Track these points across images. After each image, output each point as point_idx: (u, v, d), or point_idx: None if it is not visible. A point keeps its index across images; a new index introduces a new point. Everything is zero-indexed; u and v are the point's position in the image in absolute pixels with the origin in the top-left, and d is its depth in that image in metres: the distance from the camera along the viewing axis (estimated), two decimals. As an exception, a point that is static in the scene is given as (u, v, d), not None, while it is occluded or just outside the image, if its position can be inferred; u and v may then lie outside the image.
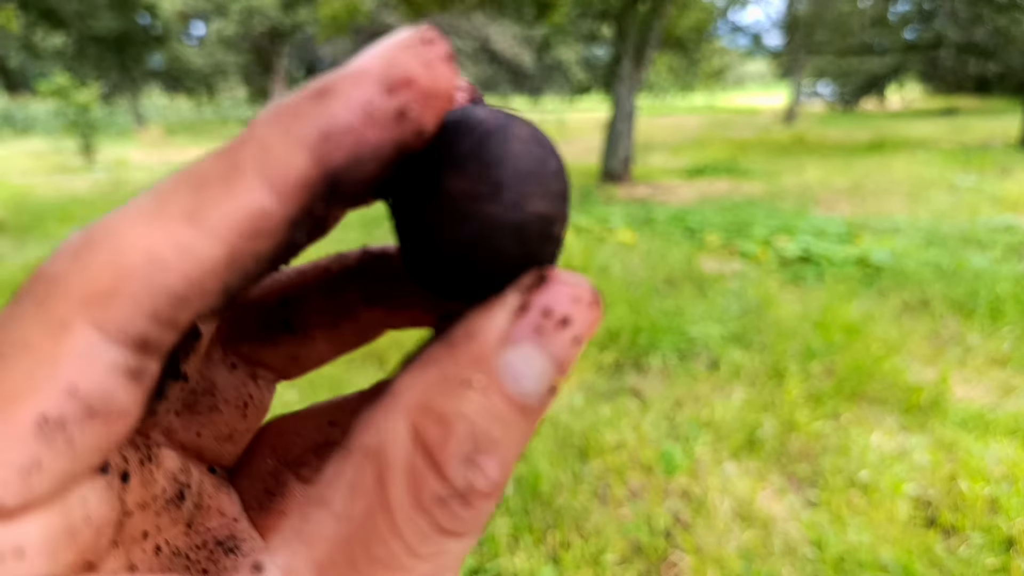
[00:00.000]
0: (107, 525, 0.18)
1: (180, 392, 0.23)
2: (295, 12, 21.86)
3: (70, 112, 12.56)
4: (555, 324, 0.16)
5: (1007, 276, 4.24)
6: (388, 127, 0.16)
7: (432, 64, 0.17)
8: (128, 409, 0.16)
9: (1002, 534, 2.01)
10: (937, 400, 2.78)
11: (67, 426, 0.15)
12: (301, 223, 0.17)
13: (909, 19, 20.70)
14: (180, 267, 0.16)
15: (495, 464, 0.16)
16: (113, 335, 0.15)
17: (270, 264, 0.17)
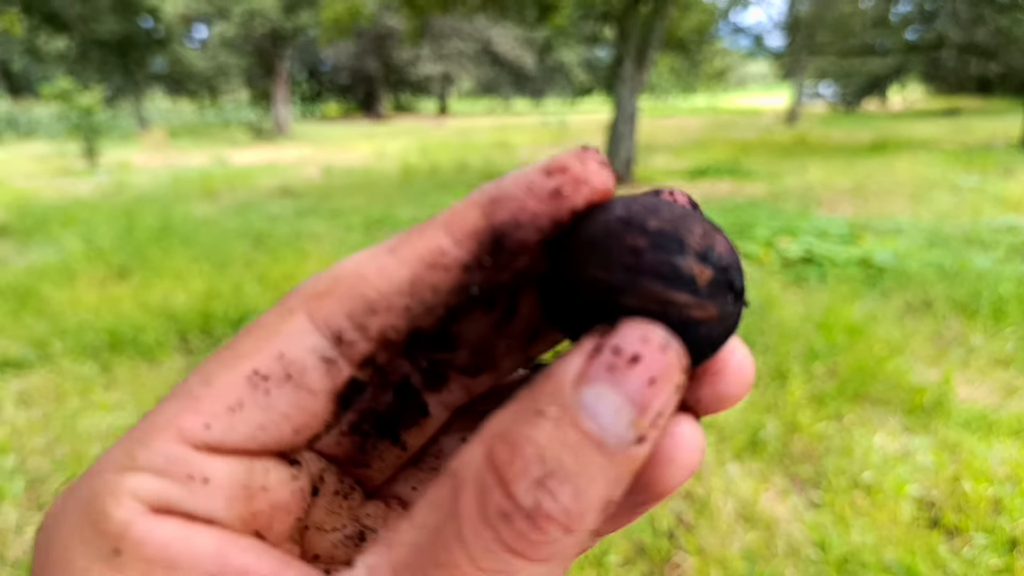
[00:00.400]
0: (284, 513, 0.22)
1: (397, 459, 0.27)
2: (297, 15, 21.87)
3: (73, 115, 12.58)
4: (626, 362, 0.18)
5: (1010, 277, 4.24)
6: (544, 200, 0.21)
7: (585, 161, 0.22)
8: (316, 388, 0.21)
9: (1006, 535, 2.01)
10: (940, 401, 2.78)
11: (269, 380, 0.21)
12: (472, 268, 0.22)
13: (911, 20, 20.68)
14: (375, 282, 0.21)
15: (569, 492, 0.17)
16: (319, 324, 0.22)
17: (445, 304, 0.22)
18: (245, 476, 0.21)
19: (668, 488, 0.21)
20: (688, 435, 0.21)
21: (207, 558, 0.19)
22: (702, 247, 0.21)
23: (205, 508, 0.20)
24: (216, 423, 0.20)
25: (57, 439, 2.63)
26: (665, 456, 0.20)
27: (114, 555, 0.19)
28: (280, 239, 5.82)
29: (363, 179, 10.06)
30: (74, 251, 5.28)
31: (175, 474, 0.20)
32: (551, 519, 0.17)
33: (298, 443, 0.22)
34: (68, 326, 3.67)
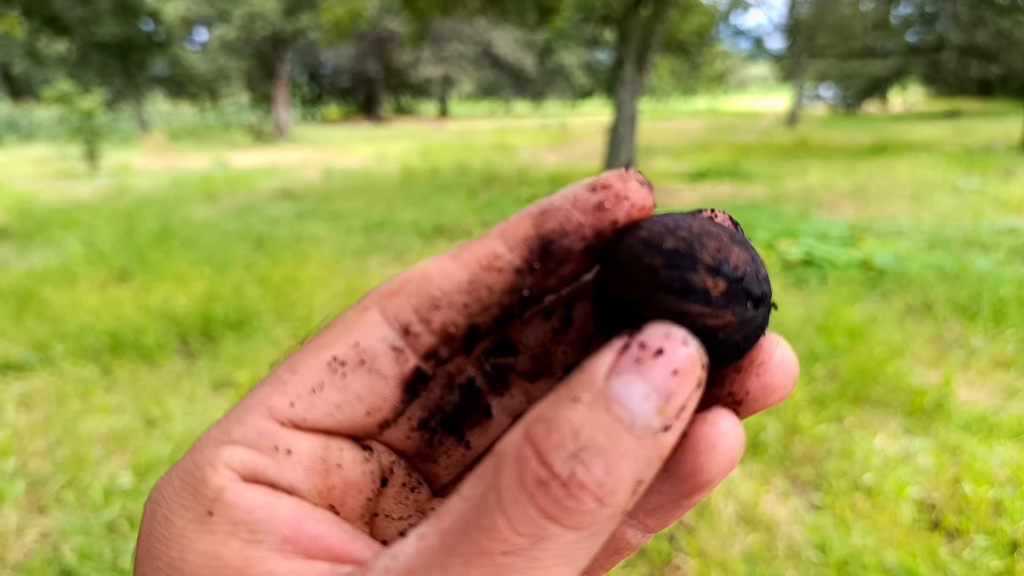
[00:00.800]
0: (355, 491, 0.26)
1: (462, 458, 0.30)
2: (297, 18, 21.89)
3: (74, 118, 12.60)
4: (651, 355, 0.20)
5: (1011, 279, 4.24)
6: (588, 212, 0.24)
7: (626, 180, 0.25)
8: (387, 374, 0.25)
9: (1006, 537, 2.01)
10: (941, 403, 2.78)
11: (346, 366, 0.24)
12: (523, 272, 0.25)
13: (911, 22, 20.69)
14: (439, 281, 0.25)
15: (601, 465, 0.19)
16: (389, 318, 0.25)
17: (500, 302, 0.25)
18: (323, 452, 0.24)
19: (710, 477, 0.23)
20: (728, 425, 0.23)
21: (285, 524, 0.22)
22: (715, 261, 0.23)
23: (287, 477, 0.23)
24: (300, 402, 0.24)
25: (58, 442, 2.63)
26: (707, 444, 0.22)
27: (207, 516, 0.22)
28: (280, 242, 5.82)
29: (364, 182, 10.06)
30: (75, 254, 5.29)
31: (263, 446, 0.23)
32: (584, 487, 0.19)
33: (370, 426, 0.25)
34: (69, 329, 3.68)
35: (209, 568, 0.21)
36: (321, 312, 3.97)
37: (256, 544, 0.22)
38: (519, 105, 43.01)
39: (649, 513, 0.25)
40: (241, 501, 0.22)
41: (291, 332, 3.69)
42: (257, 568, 0.21)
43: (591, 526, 0.20)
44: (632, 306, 0.23)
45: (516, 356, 0.29)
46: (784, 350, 0.25)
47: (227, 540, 0.22)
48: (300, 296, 4.28)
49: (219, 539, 0.22)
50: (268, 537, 0.22)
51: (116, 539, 2.08)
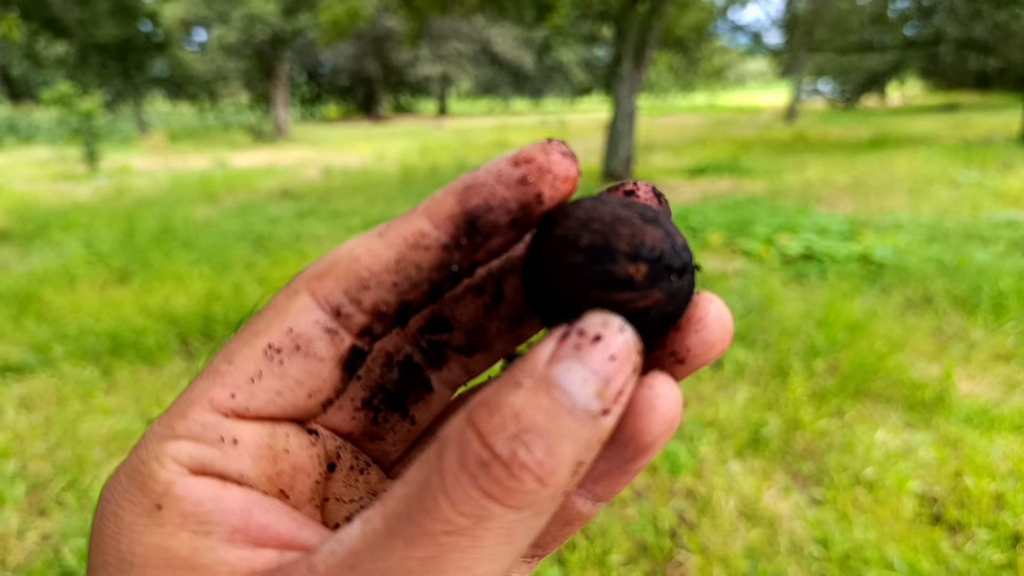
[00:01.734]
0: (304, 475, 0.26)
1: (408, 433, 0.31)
2: (296, 18, 21.87)
3: (73, 120, 12.59)
4: (590, 341, 0.21)
5: (1010, 271, 4.23)
6: (512, 187, 0.24)
7: (549, 152, 0.25)
8: (323, 356, 0.25)
9: (1008, 530, 2.01)
10: (941, 396, 2.78)
11: (282, 352, 0.25)
12: (450, 248, 0.25)
13: (909, 16, 20.65)
14: (366, 262, 0.25)
15: (542, 447, 0.19)
16: (320, 301, 0.25)
17: (429, 279, 0.25)
18: (268, 439, 0.25)
19: (652, 439, 0.23)
20: (665, 387, 0.23)
21: (234, 514, 0.23)
22: (631, 248, 0.23)
23: (235, 467, 0.24)
24: (240, 392, 0.24)
25: (58, 444, 2.63)
26: (646, 406, 0.23)
27: (155, 510, 0.22)
28: (280, 241, 5.82)
29: (363, 180, 10.06)
30: (75, 255, 5.29)
31: (208, 438, 0.24)
32: (526, 468, 0.19)
33: (312, 408, 0.26)
34: (69, 330, 3.68)
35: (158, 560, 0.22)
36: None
37: (205, 535, 0.22)
38: (518, 103, 42.98)
39: (596, 481, 0.26)
40: (190, 494, 0.22)
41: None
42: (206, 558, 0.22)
43: (532, 506, 0.20)
44: (568, 301, 0.24)
45: (451, 332, 0.30)
46: (718, 306, 0.26)
47: (176, 532, 0.22)
48: (300, 296, 4.27)
49: (168, 532, 0.22)
50: (217, 528, 0.22)
51: (117, 540, 2.08)
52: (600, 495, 0.26)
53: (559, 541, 0.28)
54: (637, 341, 0.22)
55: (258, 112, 27.25)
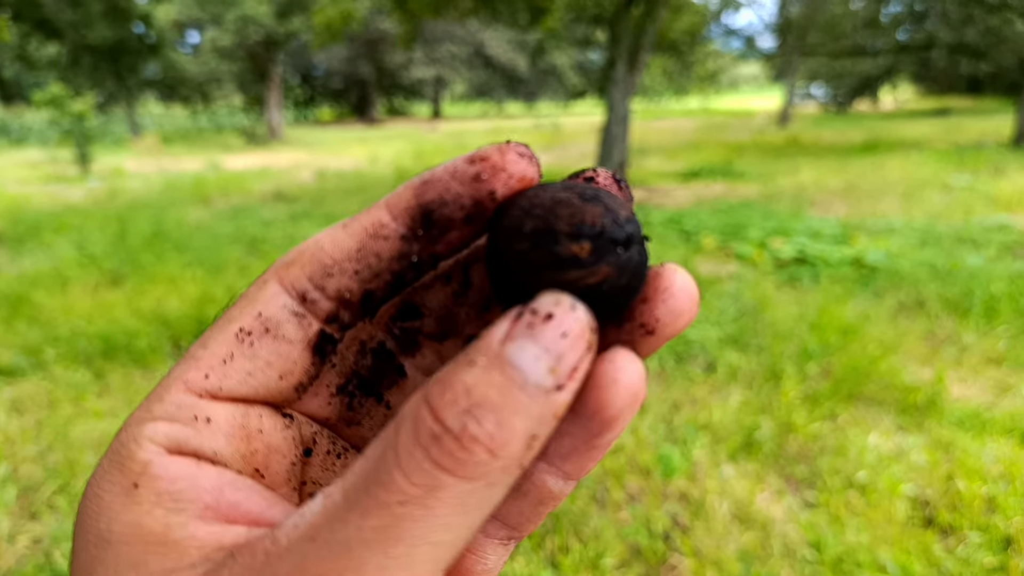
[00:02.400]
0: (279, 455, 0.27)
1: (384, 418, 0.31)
2: (289, 20, 21.83)
3: (65, 122, 12.55)
4: (541, 320, 0.21)
5: (1001, 275, 4.25)
6: (466, 183, 0.26)
7: (504, 152, 0.26)
8: (292, 339, 0.26)
9: (1000, 533, 2.01)
10: (933, 400, 2.79)
11: (252, 335, 0.26)
12: (408, 239, 0.26)
13: (901, 20, 20.75)
14: (329, 251, 0.26)
15: (492, 420, 0.20)
16: (287, 287, 0.26)
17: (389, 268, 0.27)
18: (242, 418, 0.26)
19: (615, 413, 0.23)
20: (626, 360, 0.23)
21: (206, 492, 0.24)
22: (572, 227, 0.24)
23: (210, 444, 0.25)
24: (213, 373, 0.25)
25: (49, 447, 2.62)
26: (608, 379, 0.23)
27: (132, 489, 0.23)
28: (274, 244, 5.81)
29: (357, 183, 10.05)
30: (67, 258, 5.27)
31: (183, 418, 0.25)
32: (476, 440, 0.20)
33: (286, 390, 0.27)
34: (61, 333, 3.66)
35: (133, 536, 0.22)
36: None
37: (178, 512, 0.23)
38: (512, 106, 43.00)
39: (565, 458, 0.26)
40: (166, 472, 0.23)
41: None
42: (177, 533, 0.22)
43: (484, 477, 0.21)
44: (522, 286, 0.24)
45: (422, 319, 0.31)
46: (683, 276, 0.26)
47: (151, 510, 0.23)
48: (293, 298, 4.27)
49: (143, 509, 0.23)
50: (190, 505, 0.23)
51: (109, 544, 2.07)
52: (570, 473, 0.27)
53: (533, 522, 0.28)
54: (590, 318, 0.22)
55: (251, 114, 27.19)
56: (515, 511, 0.28)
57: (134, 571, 0.22)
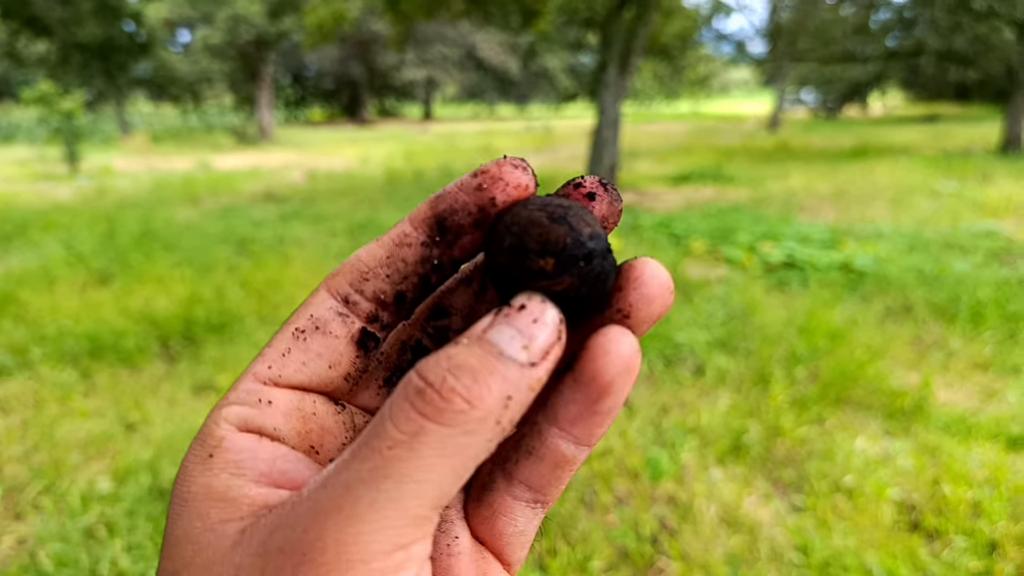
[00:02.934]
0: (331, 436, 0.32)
1: None
2: (281, 20, 21.77)
3: (54, 120, 12.49)
4: (516, 310, 0.26)
5: (988, 281, 4.28)
6: (471, 193, 0.30)
7: (502, 165, 0.30)
8: (338, 334, 0.31)
9: (985, 537, 2.03)
10: (920, 404, 2.80)
11: (305, 332, 0.31)
12: (428, 244, 0.31)
13: (890, 27, 20.84)
14: (365, 260, 0.32)
15: (469, 377, 0.24)
16: (333, 293, 0.32)
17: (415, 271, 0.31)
18: (298, 402, 0.31)
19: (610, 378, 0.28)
20: (617, 332, 0.28)
21: (262, 462, 0.29)
22: (539, 246, 0.28)
23: (271, 423, 0.30)
24: (274, 364, 0.31)
25: (35, 447, 2.60)
26: (602, 350, 0.27)
27: (208, 459, 0.28)
28: (263, 244, 5.79)
29: (347, 184, 10.03)
30: (54, 256, 5.24)
31: (250, 401, 0.30)
32: (454, 392, 0.24)
33: (335, 380, 0.32)
34: (47, 332, 3.64)
35: (203, 494, 0.27)
36: (303, 315, 3.94)
37: (239, 476, 0.28)
38: (503, 108, 43.03)
39: (573, 423, 0.29)
40: (233, 446, 0.28)
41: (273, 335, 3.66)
42: (235, 493, 0.27)
43: (463, 425, 0.24)
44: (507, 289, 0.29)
45: (450, 318, 0.35)
46: (654, 266, 0.30)
47: (219, 474, 0.28)
48: (283, 299, 4.26)
49: (213, 473, 0.28)
50: (248, 471, 0.28)
51: (94, 545, 2.06)
52: (580, 438, 0.30)
53: (555, 486, 0.32)
54: (557, 313, 0.27)
55: (242, 114, 27.09)
56: (535, 474, 0.31)
57: (199, 520, 0.27)
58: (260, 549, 0.25)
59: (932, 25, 16.95)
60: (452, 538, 0.32)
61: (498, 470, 0.32)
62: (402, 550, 0.25)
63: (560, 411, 0.29)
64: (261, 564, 0.25)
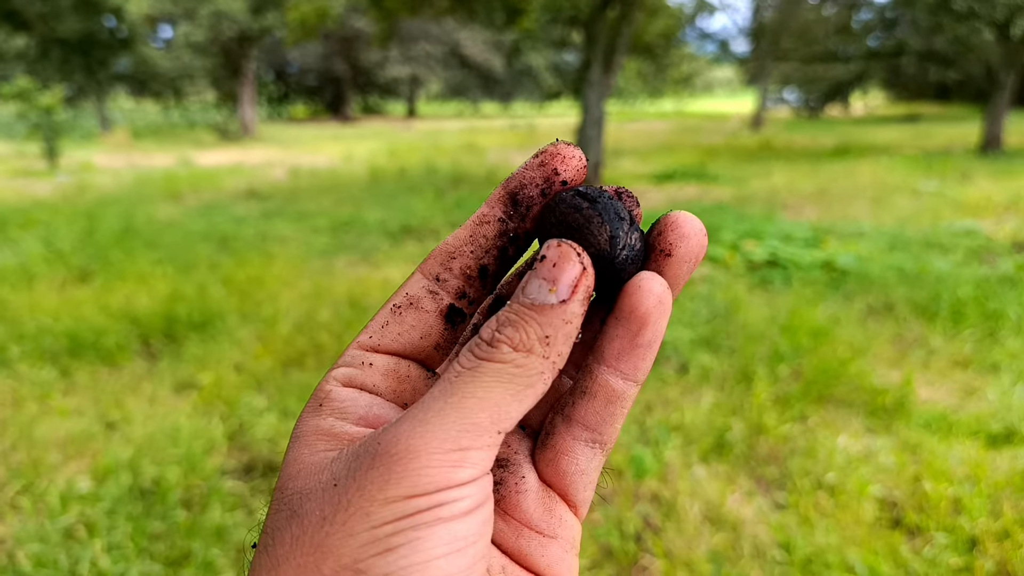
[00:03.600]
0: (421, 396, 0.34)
1: None
2: (264, 16, 21.63)
3: (33, 115, 12.34)
4: (539, 261, 0.31)
5: (968, 279, 4.32)
6: (535, 169, 0.35)
7: (558, 145, 0.35)
8: (429, 309, 0.36)
9: (965, 534, 2.04)
10: (901, 402, 2.82)
11: (401, 308, 0.36)
12: (504, 219, 0.36)
13: (872, 27, 20.99)
14: (452, 242, 0.36)
15: (511, 328, 0.30)
16: (426, 274, 0.36)
17: (495, 245, 0.36)
18: (394, 365, 0.36)
19: (644, 311, 0.32)
20: (647, 274, 0.33)
21: (361, 408, 0.34)
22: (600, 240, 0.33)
23: (370, 380, 0.35)
24: (375, 334, 0.36)
25: (13, 446, 2.57)
26: (635, 287, 0.32)
27: (319, 407, 0.34)
28: (246, 241, 5.75)
29: (331, 181, 9.98)
30: (33, 253, 5.17)
31: (354, 363, 0.35)
32: (500, 341, 0.30)
33: (427, 348, 0.36)
34: (26, 330, 3.60)
35: (312, 432, 0.33)
36: (287, 313, 3.92)
37: (342, 419, 0.33)
38: (487, 106, 42.97)
39: (618, 358, 0.34)
40: (338, 396, 0.34)
41: (256, 333, 3.64)
42: (338, 430, 0.33)
43: (512, 362, 0.30)
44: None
45: None
46: (686, 215, 0.35)
47: (326, 417, 0.34)
48: (265, 296, 4.23)
49: (322, 417, 0.34)
50: (350, 415, 0.34)
51: (73, 545, 2.03)
52: (627, 372, 0.34)
53: (609, 423, 0.35)
54: (572, 248, 0.31)
55: (224, 111, 26.89)
56: (591, 412, 0.35)
57: (308, 449, 0.33)
58: (351, 455, 0.31)
59: (913, 25, 17.09)
60: (520, 478, 0.35)
61: (558, 415, 0.36)
62: (461, 451, 0.29)
63: (606, 349, 0.34)
64: (349, 463, 0.30)
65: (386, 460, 0.29)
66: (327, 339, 3.54)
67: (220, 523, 2.12)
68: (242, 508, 2.23)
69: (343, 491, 0.30)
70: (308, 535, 0.30)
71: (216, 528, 2.10)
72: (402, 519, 0.28)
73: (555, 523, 0.36)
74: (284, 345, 3.47)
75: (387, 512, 0.28)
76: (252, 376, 3.15)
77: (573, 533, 0.37)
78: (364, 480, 0.29)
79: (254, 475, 2.42)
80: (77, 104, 23.85)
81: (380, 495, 0.29)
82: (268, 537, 0.32)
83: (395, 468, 0.29)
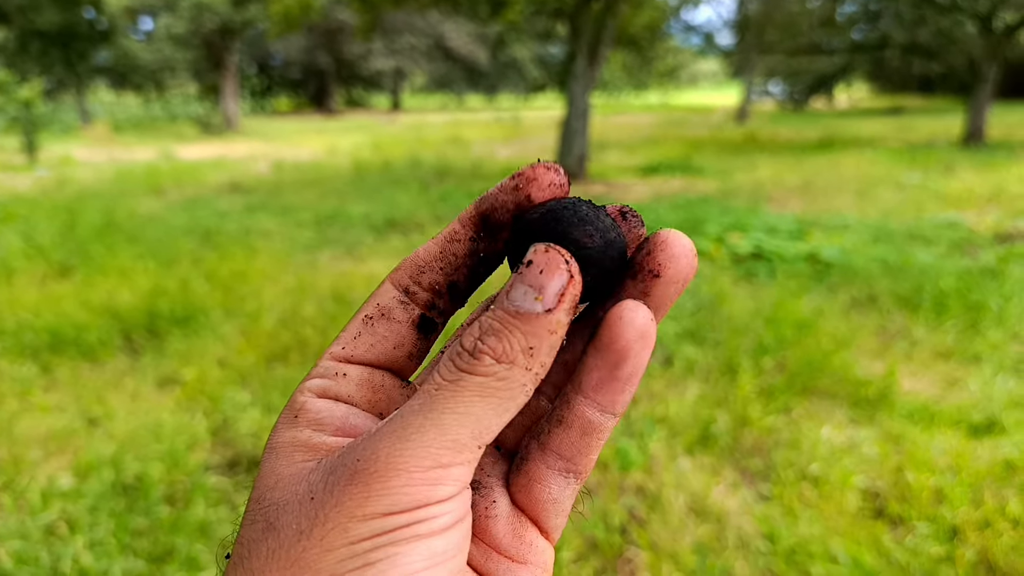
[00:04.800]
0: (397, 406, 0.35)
1: None
2: (246, 8, 21.46)
3: (11, 108, 12.20)
4: (525, 266, 0.30)
5: (951, 271, 4.35)
6: (509, 193, 0.34)
7: (535, 168, 0.34)
8: (401, 320, 0.35)
9: (947, 523, 2.06)
10: (885, 393, 2.84)
11: (373, 318, 0.35)
12: (475, 239, 0.35)
13: (856, 20, 21.07)
14: (422, 255, 0.35)
15: (494, 338, 0.30)
16: (396, 285, 0.36)
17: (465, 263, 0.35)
18: (368, 376, 0.35)
19: (625, 343, 0.31)
20: (631, 304, 0.31)
21: (337, 419, 0.34)
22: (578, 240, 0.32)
23: (345, 391, 0.35)
24: (347, 345, 0.35)
25: (-7, 443, 2.54)
26: (616, 317, 0.31)
27: (294, 419, 0.34)
28: (229, 236, 5.72)
29: (314, 175, 9.93)
30: (12, 248, 5.12)
31: (328, 374, 0.35)
32: (482, 352, 0.30)
33: (400, 358, 0.36)
34: (6, 326, 3.56)
35: (288, 444, 0.33)
36: (271, 308, 3.90)
37: (319, 430, 0.33)
38: (472, 99, 42.87)
39: (596, 390, 0.33)
40: (315, 408, 0.34)
41: (239, 328, 3.62)
42: (315, 440, 0.33)
43: (494, 375, 0.29)
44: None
45: None
46: (676, 233, 0.33)
47: (303, 429, 0.33)
48: (249, 291, 4.20)
49: (298, 429, 0.33)
50: (327, 426, 0.33)
51: (55, 542, 2.01)
52: (604, 405, 0.33)
53: (585, 455, 0.35)
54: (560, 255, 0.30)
55: (206, 104, 26.67)
56: (565, 442, 0.34)
57: (285, 460, 0.32)
58: (328, 468, 0.30)
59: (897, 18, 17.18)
60: (491, 502, 0.35)
61: (533, 441, 0.35)
62: (441, 468, 0.29)
63: (584, 379, 0.33)
64: (327, 476, 0.30)
65: (365, 477, 0.29)
66: (311, 334, 3.52)
67: (204, 519, 2.11)
68: (226, 503, 2.22)
69: (320, 505, 0.29)
70: (284, 549, 0.29)
71: (200, 524, 2.09)
72: (381, 535, 0.28)
73: (524, 549, 0.35)
74: (268, 340, 3.45)
75: (365, 528, 0.28)
76: (236, 371, 3.13)
77: (544, 558, 0.36)
78: (343, 496, 0.29)
79: (238, 470, 2.41)
80: (57, 97, 23.60)
81: (359, 511, 0.29)
82: (243, 548, 0.31)
83: (374, 485, 0.29)
